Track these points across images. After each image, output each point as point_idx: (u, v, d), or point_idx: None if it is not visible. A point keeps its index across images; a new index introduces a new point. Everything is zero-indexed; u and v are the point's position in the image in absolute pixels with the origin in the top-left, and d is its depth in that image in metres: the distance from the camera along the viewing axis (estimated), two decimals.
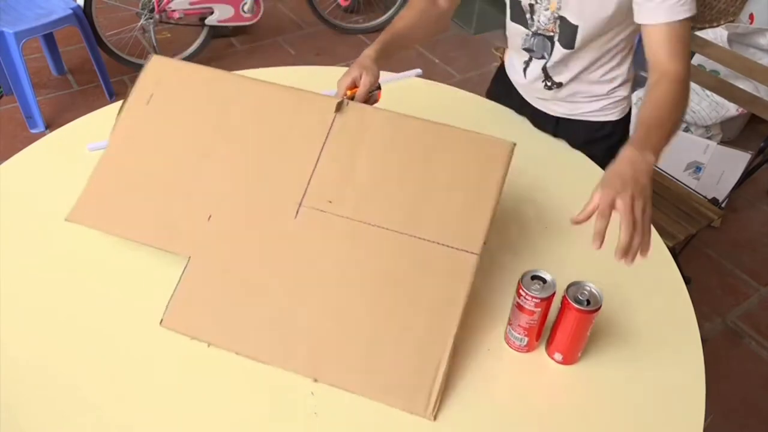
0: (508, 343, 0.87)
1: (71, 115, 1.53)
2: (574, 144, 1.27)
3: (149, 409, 0.79)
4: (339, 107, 0.97)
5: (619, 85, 1.24)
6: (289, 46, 3.14)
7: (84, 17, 2.48)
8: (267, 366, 0.84)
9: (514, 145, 0.91)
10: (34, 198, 1.08)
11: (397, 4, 3.31)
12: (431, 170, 0.92)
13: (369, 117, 0.97)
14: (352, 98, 1.01)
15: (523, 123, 1.34)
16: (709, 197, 1.80)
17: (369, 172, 0.93)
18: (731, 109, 2.18)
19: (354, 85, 1.04)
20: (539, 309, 0.81)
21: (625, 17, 1.08)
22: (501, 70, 1.42)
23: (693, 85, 2.16)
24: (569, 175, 1.19)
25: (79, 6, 2.48)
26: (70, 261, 0.97)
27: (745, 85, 1.78)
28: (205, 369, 0.84)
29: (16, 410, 0.78)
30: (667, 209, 1.71)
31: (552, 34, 1.16)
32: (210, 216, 0.92)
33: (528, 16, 1.18)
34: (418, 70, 1.53)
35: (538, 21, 1.16)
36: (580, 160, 1.24)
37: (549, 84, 1.25)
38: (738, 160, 2.16)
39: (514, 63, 1.32)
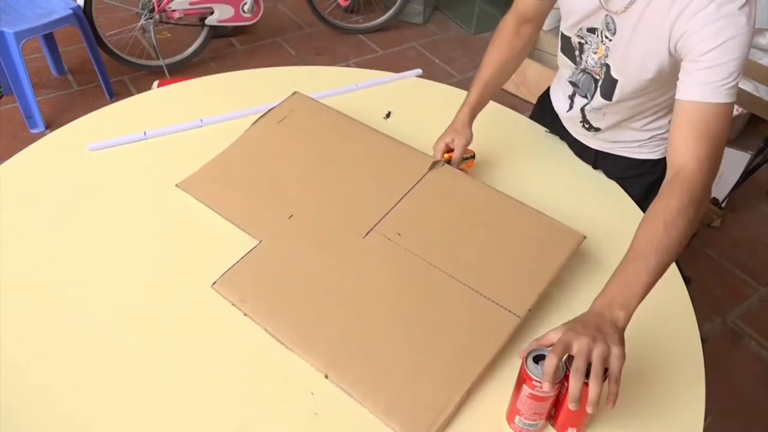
0: None
1: (71, 115, 1.53)
2: (612, 176, 1.23)
3: (145, 410, 0.79)
4: (434, 165, 1.10)
5: (663, 134, 1.17)
6: (289, 46, 3.13)
7: (84, 17, 2.48)
8: (267, 366, 0.85)
9: (584, 238, 0.99)
10: (34, 198, 1.08)
11: (397, 4, 3.31)
12: (501, 239, 1.00)
13: (459, 180, 1.10)
14: (448, 162, 1.12)
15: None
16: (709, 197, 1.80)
17: (443, 223, 1.02)
18: None
19: (448, 149, 1.13)
20: (554, 392, 0.74)
21: (666, 82, 1.01)
22: (545, 96, 1.36)
23: None
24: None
25: (79, 6, 2.47)
26: (70, 261, 0.97)
27: (745, 85, 1.78)
28: (205, 369, 0.84)
29: (16, 410, 0.78)
30: None
31: (598, 78, 1.11)
32: (291, 215, 1.03)
33: (577, 53, 1.13)
34: (418, 70, 1.53)
35: (586, 61, 1.11)
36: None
37: (587, 126, 1.21)
38: (738, 160, 2.16)
39: (559, 93, 1.26)
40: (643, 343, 0.91)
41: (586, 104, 1.17)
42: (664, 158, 1.20)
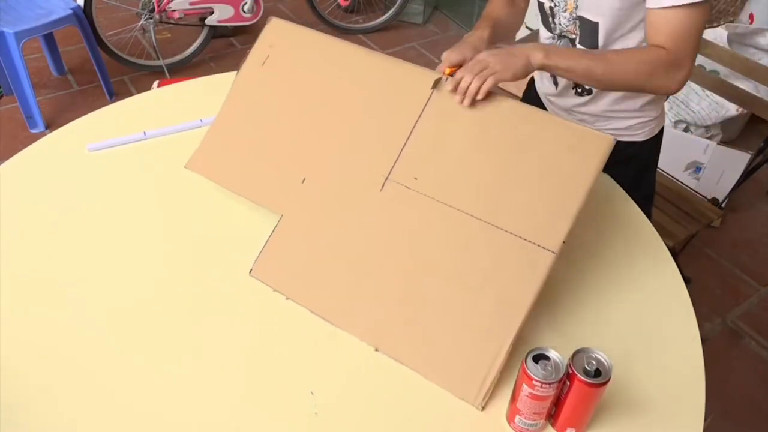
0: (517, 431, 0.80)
1: (71, 115, 1.53)
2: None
3: (144, 410, 0.79)
4: (436, 84, 0.97)
5: (650, 101, 1.19)
6: None
7: (84, 17, 2.48)
8: (267, 366, 0.85)
9: (615, 141, 0.87)
10: (33, 198, 1.08)
11: (397, 4, 3.31)
12: (523, 157, 0.90)
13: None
14: (452, 76, 0.99)
15: None
16: (709, 197, 1.80)
17: (459, 152, 0.93)
18: (731, 109, 2.18)
19: (460, 64, 1.00)
20: (554, 392, 0.75)
21: (639, 6, 1.04)
22: (531, 88, 1.38)
23: (693, 85, 2.17)
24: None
25: (79, 6, 2.48)
26: (70, 261, 0.97)
27: (745, 85, 1.78)
28: (205, 369, 0.84)
29: (16, 410, 0.78)
30: (667, 209, 1.71)
31: (574, 36, 1.13)
32: (304, 179, 0.98)
33: (550, 19, 1.16)
34: None
35: (560, 23, 1.14)
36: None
37: (579, 90, 1.21)
38: (738, 160, 2.16)
39: (543, 78, 1.28)
40: (643, 343, 0.91)
41: None
42: (650, 139, 1.24)
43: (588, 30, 1.10)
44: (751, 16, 2.55)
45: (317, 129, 1.02)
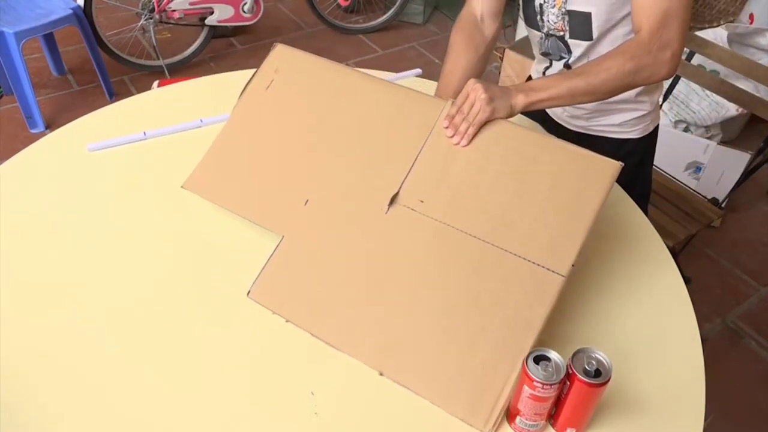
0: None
1: (71, 115, 1.53)
2: None
3: (144, 409, 0.79)
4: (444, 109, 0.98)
5: (643, 91, 1.18)
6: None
7: (84, 17, 2.48)
8: (267, 366, 0.85)
9: (622, 166, 0.87)
10: (33, 198, 1.08)
11: (397, 4, 3.31)
12: (529, 181, 0.90)
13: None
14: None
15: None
16: (709, 197, 1.80)
17: (465, 175, 0.92)
18: (731, 109, 2.17)
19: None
20: (555, 392, 0.74)
21: None
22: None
23: (693, 85, 2.17)
24: None
25: (79, 6, 2.48)
26: (69, 261, 0.97)
27: (745, 85, 1.78)
28: (205, 370, 0.84)
29: (16, 410, 0.78)
30: (667, 209, 1.71)
31: (561, 32, 1.13)
32: (307, 201, 0.97)
33: (539, 17, 1.15)
34: (418, 70, 1.53)
35: (548, 21, 1.13)
36: None
37: None
38: (738, 160, 2.16)
39: (537, 68, 1.28)
40: (642, 343, 0.91)
41: (568, 60, 1.17)
42: (645, 136, 1.23)
43: (580, 22, 1.09)
44: (751, 16, 2.55)
45: (321, 151, 1.01)
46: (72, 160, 1.17)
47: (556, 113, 1.29)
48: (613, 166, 0.88)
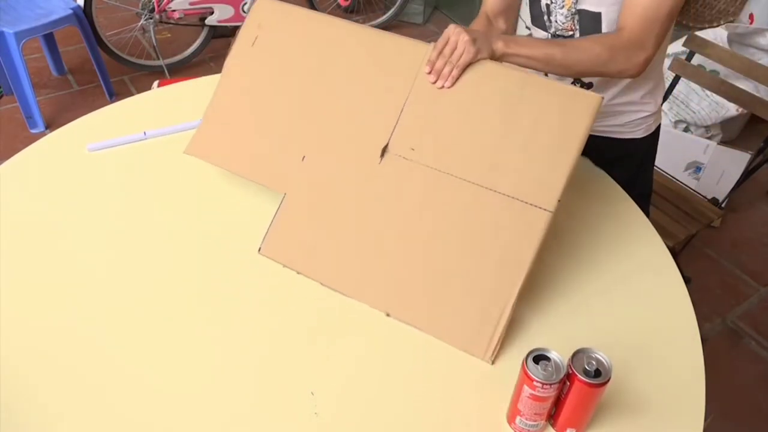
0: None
1: (71, 115, 1.53)
2: (597, 162, 1.23)
3: (143, 409, 0.79)
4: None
5: (649, 92, 1.19)
6: None
7: (84, 17, 2.48)
8: (267, 366, 0.85)
9: (602, 98, 0.89)
10: (33, 198, 1.08)
11: (397, 4, 3.31)
12: (514, 120, 0.92)
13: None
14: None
15: None
16: (709, 197, 1.80)
17: (452, 120, 0.96)
18: (731, 109, 2.18)
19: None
20: (555, 392, 0.74)
21: None
22: None
23: (693, 85, 2.17)
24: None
25: (79, 6, 2.48)
26: (69, 261, 0.97)
27: (745, 85, 1.78)
28: (205, 370, 0.84)
29: (16, 410, 0.78)
30: (667, 209, 1.71)
31: (571, 32, 1.13)
32: (304, 157, 1.00)
33: (545, 17, 1.15)
34: None
35: (556, 21, 1.13)
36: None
37: (578, 85, 1.20)
38: (738, 160, 2.16)
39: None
40: (643, 343, 0.91)
41: None
42: (647, 136, 1.24)
43: (589, 22, 1.10)
44: (751, 16, 2.55)
45: (312, 106, 1.03)
46: (72, 160, 1.17)
47: None
48: (595, 99, 0.89)
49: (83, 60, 2.79)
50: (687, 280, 1.04)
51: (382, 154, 0.97)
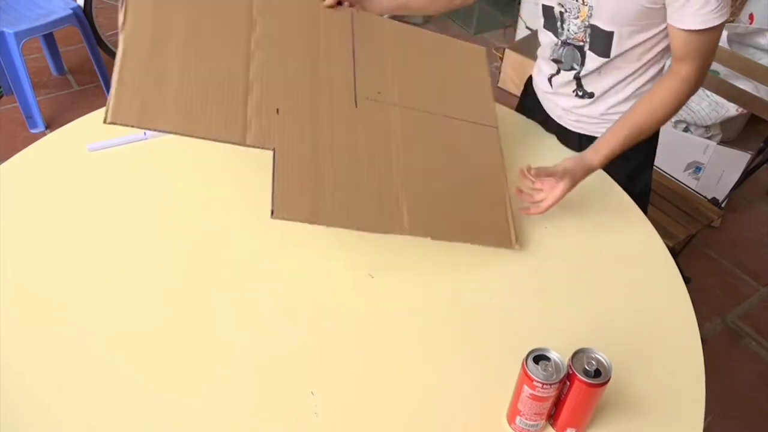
0: None
1: (71, 115, 1.53)
2: None
3: (143, 409, 0.79)
4: (351, 16, 1.14)
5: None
6: None
7: (84, 17, 2.48)
8: (267, 366, 0.85)
9: (485, 50, 1.20)
10: (33, 198, 1.08)
11: None
12: (435, 66, 1.18)
13: (375, 21, 1.22)
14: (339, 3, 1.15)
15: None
16: (709, 197, 1.80)
17: (398, 69, 1.12)
18: (731, 109, 2.18)
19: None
20: (555, 392, 0.74)
21: (657, 16, 1.04)
22: (528, 85, 1.40)
23: None
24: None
25: (79, 6, 2.48)
26: (69, 261, 0.97)
27: (745, 85, 1.78)
28: (205, 370, 0.84)
29: (16, 412, 0.78)
30: (667, 209, 1.71)
31: (582, 43, 1.13)
32: (278, 109, 0.95)
33: (558, 24, 1.15)
34: None
35: (568, 29, 1.14)
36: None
37: (580, 93, 1.22)
38: (738, 160, 2.16)
39: (542, 70, 1.28)
40: (643, 343, 0.91)
41: (579, 72, 1.18)
42: (645, 143, 1.22)
43: (600, 39, 1.10)
44: (751, 16, 2.55)
45: (267, 57, 0.96)
46: (72, 160, 1.17)
47: (560, 116, 1.29)
48: (481, 52, 1.26)
49: (83, 60, 2.79)
50: (687, 280, 1.04)
51: (356, 99, 1.03)
